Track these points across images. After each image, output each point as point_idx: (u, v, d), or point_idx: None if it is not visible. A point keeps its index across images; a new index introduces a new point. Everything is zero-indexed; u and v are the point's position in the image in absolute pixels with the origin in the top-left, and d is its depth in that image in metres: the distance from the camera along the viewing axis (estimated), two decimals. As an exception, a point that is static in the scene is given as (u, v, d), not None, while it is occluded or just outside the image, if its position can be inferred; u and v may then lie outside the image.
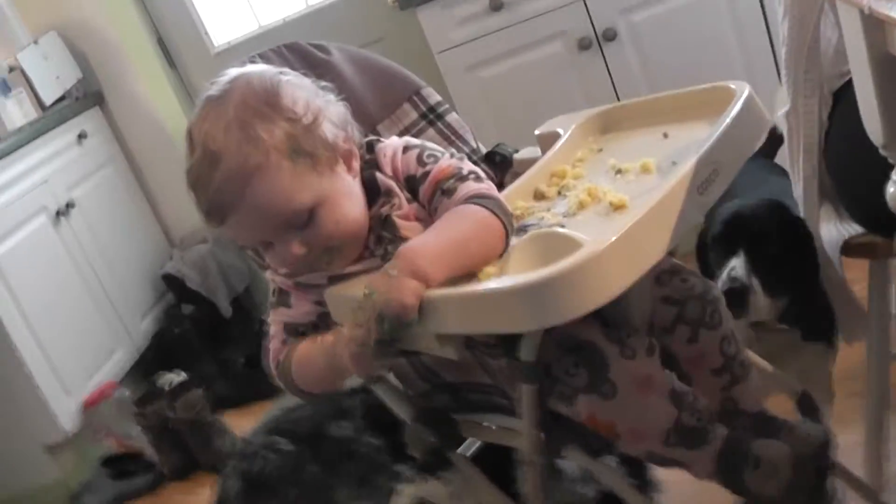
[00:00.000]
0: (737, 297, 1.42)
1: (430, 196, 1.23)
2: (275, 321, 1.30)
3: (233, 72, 1.22)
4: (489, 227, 1.16)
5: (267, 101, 1.17)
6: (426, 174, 1.24)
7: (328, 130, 1.19)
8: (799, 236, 1.51)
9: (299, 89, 1.21)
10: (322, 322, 1.27)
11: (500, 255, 1.15)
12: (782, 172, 1.75)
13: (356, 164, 1.24)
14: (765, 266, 1.46)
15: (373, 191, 1.25)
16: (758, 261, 1.47)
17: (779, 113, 1.58)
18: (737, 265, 1.45)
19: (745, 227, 1.49)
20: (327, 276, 1.24)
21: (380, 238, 1.23)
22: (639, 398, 1.13)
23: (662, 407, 1.14)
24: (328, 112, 1.21)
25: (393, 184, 1.25)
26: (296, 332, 1.29)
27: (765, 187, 1.69)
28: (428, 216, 1.24)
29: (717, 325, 1.26)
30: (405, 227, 1.23)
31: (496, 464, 1.41)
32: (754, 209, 1.53)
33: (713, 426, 1.17)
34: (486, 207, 1.17)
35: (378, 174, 1.25)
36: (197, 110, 1.20)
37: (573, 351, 1.14)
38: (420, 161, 1.25)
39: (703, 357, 1.26)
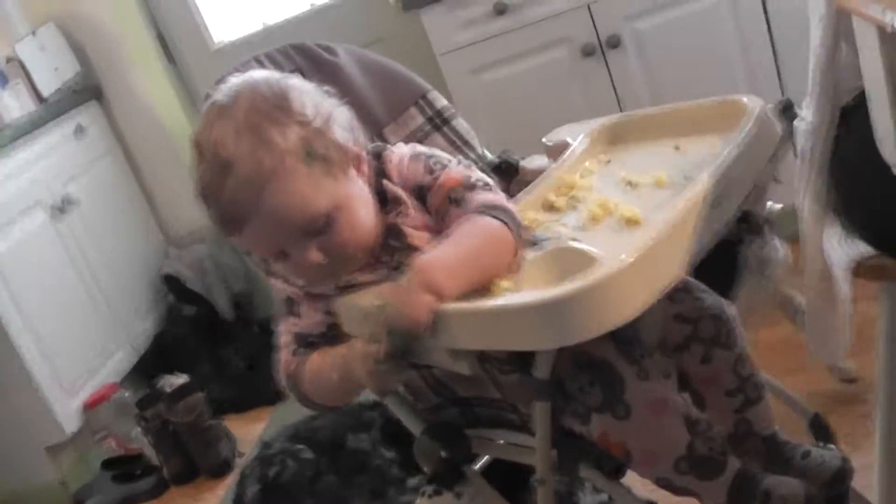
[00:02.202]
0: None
1: (439, 205, 1.22)
2: (284, 331, 1.28)
3: (237, 78, 1.20)
4: (503, 241, 1.14)
5: (277, 105, 1.15)
6: (435, 182, 1.22)
7: (339, 133, 1.18)
8: None
9: (306, 93, 1.19)
10: (332, 332, 1.25)
11: (513, 269, 1.14)
12: None
13: (366, 168, 1.22)
14: None
15: (381, 198, 1.23)
16: None
17: (800, 125, 1.55)
18: None
19: None
20: (336, 285, 1.22)
21: (388, 247, 1.21)
22: (652, 421, 1.12)
23: (676, 431, 1.12)
24: (336, 115, 1.19)
25: (401, 191, 1.23)
26: (306, 342, 1.27)
27: None
28: (436, 225, 1.22)
29: (731, 345, 1.24)
30: (414, 235, 1.21)
31: (501, 477, 1.39)
32: None
33: (726, 457, 1.15)
34: (500, 219, 1.15)
35: (386, 182, 1.24)
36: (202, 118, 1.18)
37: (588, 369, 1.12)
38: (428, 169, 1.24)
39: (716, 377, 1.24)
